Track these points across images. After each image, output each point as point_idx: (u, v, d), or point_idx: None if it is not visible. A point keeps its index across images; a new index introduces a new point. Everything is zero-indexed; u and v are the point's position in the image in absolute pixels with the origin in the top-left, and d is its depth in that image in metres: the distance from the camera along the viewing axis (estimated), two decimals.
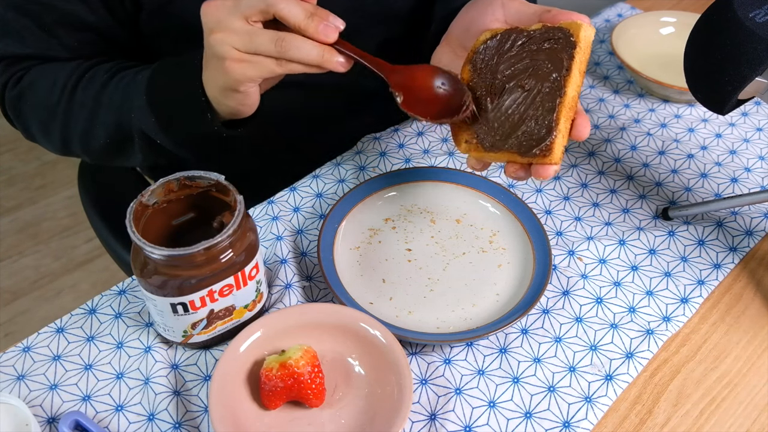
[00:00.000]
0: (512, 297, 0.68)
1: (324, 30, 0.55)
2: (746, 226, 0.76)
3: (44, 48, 0.73)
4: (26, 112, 0.76)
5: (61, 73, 0.72)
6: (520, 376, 0.64)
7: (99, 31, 0.74)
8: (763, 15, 0.57)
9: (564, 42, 0.57)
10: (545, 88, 0.57)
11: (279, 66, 0.56)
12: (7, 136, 2.09)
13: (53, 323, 0.66)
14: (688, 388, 0.64)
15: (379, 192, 0.77)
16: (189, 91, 0.63)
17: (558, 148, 0.55)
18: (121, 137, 0.71)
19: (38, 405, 0.61)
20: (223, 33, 0.56)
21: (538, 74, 0.57)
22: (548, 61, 0.57)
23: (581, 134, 0.57)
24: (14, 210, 1.91)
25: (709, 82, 0.61)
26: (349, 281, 0.69)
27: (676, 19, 0.99)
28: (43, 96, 0.73)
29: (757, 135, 0.87)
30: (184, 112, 0.65)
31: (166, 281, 0.57)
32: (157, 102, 0.66)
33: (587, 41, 0.57)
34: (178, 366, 0.64)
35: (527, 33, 0.59)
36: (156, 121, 0.66)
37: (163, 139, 0.68)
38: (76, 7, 0.71)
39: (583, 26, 0.57)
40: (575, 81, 0.56)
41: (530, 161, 0.57)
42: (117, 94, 0.69)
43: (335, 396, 0.60)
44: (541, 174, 0.57)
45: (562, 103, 0.55)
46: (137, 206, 0.58)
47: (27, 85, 0.74)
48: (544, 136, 0.56)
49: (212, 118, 0.64)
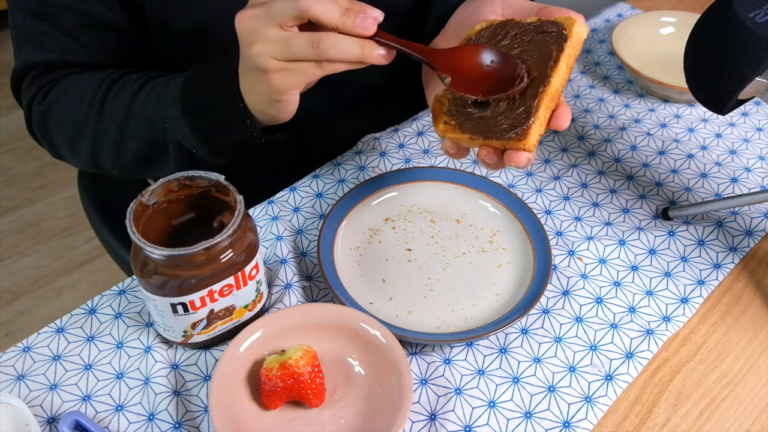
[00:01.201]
0: (512, 297, 0.69)
1: (362, 24, 0.53)
2: (746, 226, 0.76)
3: (65, 52, 0.73)
4: (53, 127, 0.75)
5: (90, 85, 0.72)
6: (520, 376, 0.64)
7: (118, 29, 0.73)
8: (763, 15, 0.57)
9: (556, 35, 0.57)
10: (531, 77, 0.57)
11: (320, 68, 0.55)
12: (8, 136, 2.10)
13: (53, 323, 0.66)
14: (688, 388, 0.64)
15: (379, 192, 0.77)
16: (227, 99, 0.62)
17: (533, 134, 0.55)
18: (154, 149, 0.70)
19: (38, 405, 0.61)
20: (260, 44, 0.55)
21: (525, 62, 0.57)
22: (537, 51, 0.57)
23: (561, 123, 0.56)
24: (14, 210, 1.91)
25: (709, 82, 0.61)
26: (349, 281, 0.69)
27: (676, 19, 0.99)
28: (71, 110, 0.72)
29: (757, 135, 0.87)
30: (222, 121, 0.63)
31: (166, 281, 0.57)
32: (192, 111, 0.64)
33: (579, 37, 0.57)
34: (178, 366, 0.64)
35: (522, 25, 0.59)
36: (191, 131, 0.65)
37: (199, 149, 0.66)
38: (93, 6, 0.71)
39: (577, 22, 0.57)
40: (561, 73, 0.56)
41: (504, 145, 0.56)
42: (149, 104, 0.68)
43: (335, 396, 0.60)
44: (513, 159, 0.55)
45: (545, 92, 0.55)
46: (137, 206, 0.58)
47: (54, 99, 0.73)
48: (522, 120, 0.55)
49: (252, 124, 0.63)
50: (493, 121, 0.57)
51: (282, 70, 0.55)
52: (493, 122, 0.57)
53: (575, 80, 0.95)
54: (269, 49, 0.54)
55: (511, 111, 0.57)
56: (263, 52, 0.55)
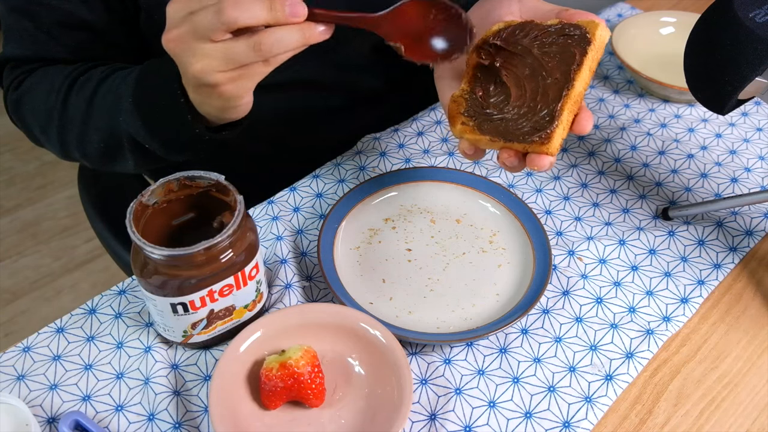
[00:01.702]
0: (512, 297, 0.69)
1: (292, 12, 0.52)
2: (746, 226, 0.76)
3: (43, 50, 0.73)
4: (27, 116, 0.75)
5: (59, 76, 0.71)
6: (520, 376, 0.64)
7: (98, 30, 0.74)
8: (763, 15, 0.57)
9: (579, 38, 0.57)
10: (553, 79, 0.57)
11: (268, 65, 0.54)
12: (7, 136, 2.10)
13: (53, 323, 0.66)
14: (688, 388, 0.64)
15: (379, 192, 0.77)
16: (169, 96, 0.61)
17: (557, 138, 0.55)
18: (114, 142, 0.69)
19: (38, 405, 0.61)
20: (201, 62, 0.53)
21: (548, 65, 0.57)
22: (560, 54, 0.57)
23: (584, 128, 0.56)
24: (14, 210, 1.91)
25: (709, 82, 0.61)
26: (349, 281, 0.69)
27: (676, 19, 0.99)
28: (41, 100, 0.72)
29: (757, 135, 0.87)
30: (166, 115, 0.62)
31: (166, 281, 0.57)
32: (142, 106, 0.63)
33: (602, 41, 0.57)
34: (178, 366, 0.64)
35: (542, 27, 0.59)
36: (143, 126, 0.64)
37: (151, 144, 0.65)
38: (75, 6, 0.71)
39: (600, 26, 0.57)
40: (584, 77, 0.56)
41: (527, 149, 0.56)
42: (109, 96, 0.68)
43: (335, 396, 0.60)
44: (536, 163, 0.55)
45: (568, 96, 0.55)
46: (137, 206, 0.58)
47: (26, 89, 0.74)
48: (546, 124, 0.55)
49: (194, 121, 0.61)
50: (514, 123, 0.57)
51: (232, 80, 0.54)
52: (514, 125, 0.57)
53: None
54: (212, 65, 0.53)
55: (533, 113, 0.56)
56: (207, 69, 0.54)
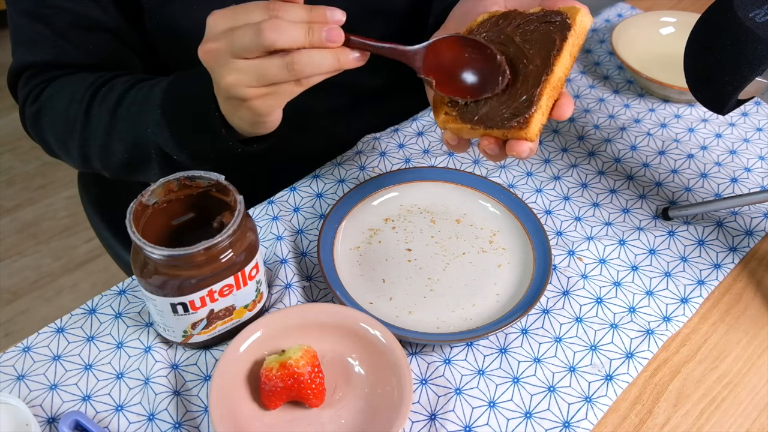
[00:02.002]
0: (512, 297, 0.69)
1: (329, 36, 0.53)
2: (746, 226, 0.76)
3: (59, 53, 0.72)
4: (45, 127, 0.75)
5: (80, 87, 0.71)
6: (520, 376, 0.64)
7: (112, 31, 0.73)
8: (763, 15, 0.57)
9: (560, 24, 0.56)
10: (533, 66, 0.56)
11: (299, 86, 0.55)
12: (7, 136, 2.10)
13: (53, 323, 0.66)
14: (688, 388, 0.64)
15: (380, 192, 0.77)
16: (202, 109, 0.61)
17: (535, 123, 0.55)
18: (139, 153, 0.69)
19: (38, 405, 0.61)
20: (233, 76, 0.54)
21: (528, 51, 0.57)
22: (540, 41, 0.57)
23: (563, 113, 0.56)
24: (14, 210, 1.91)
25: (709, 82, 0.61)
26: (349, 281, 0.69)
27: (676, 19, 0.99)
28: (61, 111, 0.72)
29: (757, 135, 0.87)
30: (198, 128, 0.63)
31: (166, 281, 0.57)
32: (172, 117, 0.64)
33: (583, 26, 0.57)
34: (178, 366, 0.64)
35: (525, 15, 0.59)
36: (171, 137, 0.64)
37: (179, 155, 0.66)
38: (88, 7, 0.70)
39: (581, 11, 0.57)
40: (564, 62, 0.56)
41: (506, 135, 0.56)
42: (134, 107, 0.68)
43: (335, 396, 0.60)
44: (515, 149, 0.55)
45: (548, 81, 0.55)
46: (137, 206, 0.58)
47: (46, 99, 0.73)
48: (524, 109, 0.55)
49: (227, 133, 0.62)
50: (494, 110, 0.57)
51: (262, 96, 0.55)
52: (495, 111, 0.57)
53: (575, 80, 0.95)
54: (243, 80, 0.54)
55: (512, 100, 0.56)
56: (238, 83, 0.54)
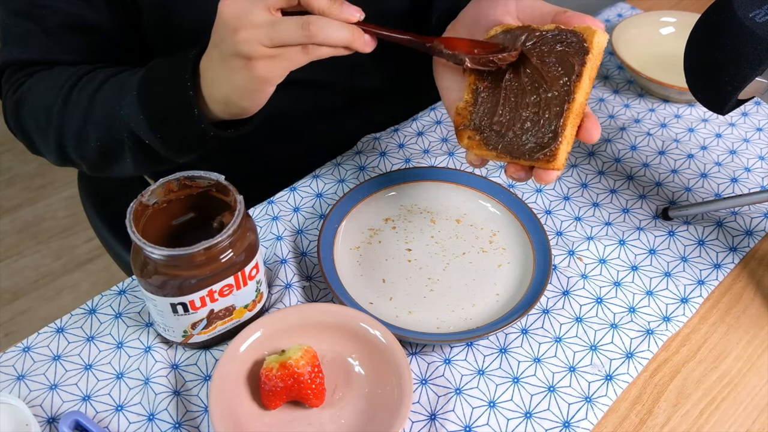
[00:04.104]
0: (512, 297, 0.68)
1: (348, 10, 0.54)
2: (746, 226, 0.76)
3: (48, 52, 0.72)
4: (25, 117, 0.74)
5: (62, 75, 0.71)
6: (520, 376, 0.64)
7: (104, 33, 0.73)
8: (763, 15, 0.57)
9: (577, 46, 0.56)
10: (554, 92, 0.56)
11: (305, 54, 0.54)
12: (8, 136, 2.09)
13: (53, 323, 0.66)
14: (688, 388, 0.64)
15: (379, 192, 0.77)
16: (177, 86, 0.61)
17: (562, 154, 0.55)
18: (113, 139, 0.68)
19: (38, 405, 0.61)
20: (247, 30, 0.54)
21: (547, 75, 0.57)
22: (559, 65, 0.57)
23: (591, 137, 0.57)
24: (14, 210, 1.91)
25: (709, 82, 0.61)
26: (349, 281, 0.69)
27: (676, 19, 0.99)
28: (42, 98, 0.71)
29: (757, 135, 0.87)
30: (172, 109, 0.62)
31: (166, 281, 0.57)
32: (146, 98, 0.63)
33: (600, 48, 0.57)
34: (178, 366, 0.64)
35: (540, 33, 0.58)
36: (144, 119, 0.63)
37: (152, 139, 0.64)
38: (80, 9, 0.70)
39: (598, 32, 0.56)
40: (584, 88, 0.56)
41: (532, 164, 0.57)
42: (111, 92, 0.67)
43: (335, 396, 0.60)
44: (543, 178, 0.56)
45: (570, 109, 0.55)
46: (137, 206, 0.58)
47: (27, 89, 0.73)
48: (549, 141, 0.55)
49: (200, 114, 0.61)
50: (518, 139, 0.57)
51: (267, 57, 0.55)
52: (518, 140, 0.57)
53: None
54: (256, 35, 0.54)
55: (536, 128, 0.57)
56: (250, 38, 0.54)
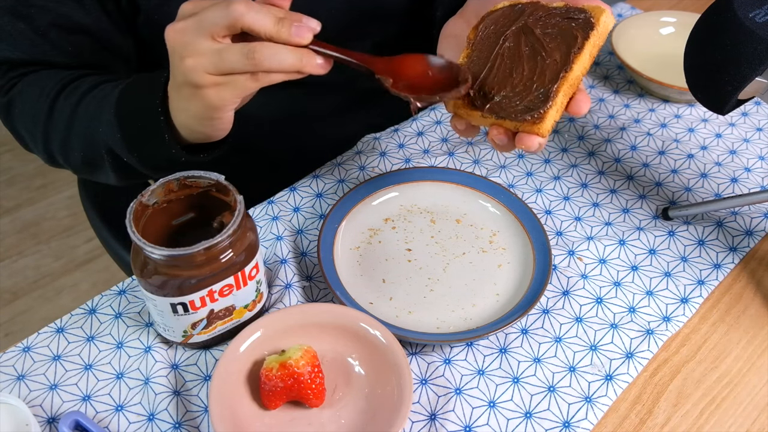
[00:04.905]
0: (512, 297, 0.69)
1: (297, 32, 0.52)
2: (746, 226, 0.76)
3: (38, 52, 0.72)
4: (16, 120, 0.74)
5: (50, 81, 0.71)
6: (520, 376, 0.64)
7: (94, 34, 0.73)
8: (763, 15, 0.57)
9: (583, 22, 0.56)
10: (552, 60, 0.56)
11: (255, 81, 0.53)
12: (8, 136, 2.09)
13: (53, 323, 0.66)
14: (688, 388, 0.64)
15: (379, 192, 0.77)
16: (149, 111, 0.60)
17: (549, 119, 0.55)
18: (93, 152, 0.68)
19: (38, 405, 0.61)
20: (193, 58, 0.52)
21: (548, 45, 0.57)
22: (561, 36, 0.56)
23: (580, 109, 0.55)
24: (14, 210, 1.91)
25: (709, 82, 0.61)
26: (349, 281, 0.69)
27: (676, 19, 0.99)
28: (30, 105, 0.72)
29: (757, 135, 0.87)
30: (145, 131, 0.61)
31: (166, 281, 0.57)
32: (123, 119, 0.62)
33: (605, 27, 0.56)
34: (178, 366, 0.64)
35: (547, 8, 0.58)
36: (121, 138, 0.63)
37: (129, 158, 0.64)
38: (71, 9, 0.70)
39: (605, 12, 0.56)
40: (583, 62, 0.56)
41: (518, 127, 0.56)
42: (92, 105, 0.67)
43: (335, 396, 0.60)
44: (524, 142, 0.55)
45: (565, 78, 0.55)
46: (137, 206, 0.58)
47: (17, 93, 0.73)
48: (540, 103, 0.55)
49: (170, 140, 0.61)
50: (508, 101, 0.56)
51: (216, 85, 0.54)
52: (508, 102, 0.56)
53: None
54: (202, 63, 0.53)
55: (528, 92, 0.56)
56: (196, 67, 0.53)
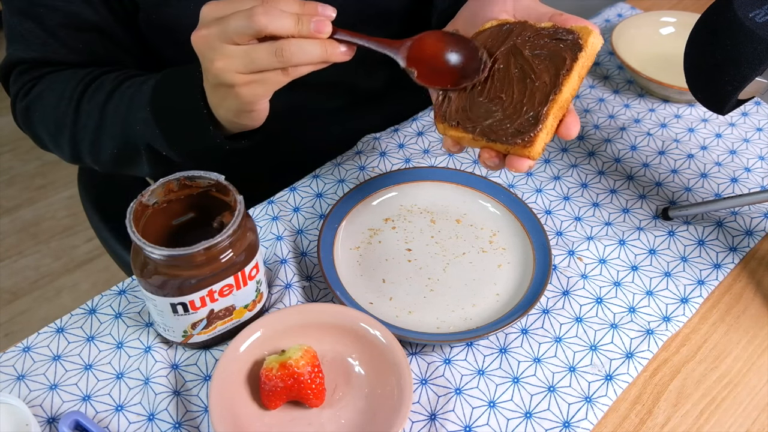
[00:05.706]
0: (512, 297, 0.69)
1: (317, 27, 0.54)
2: (746, 226, 0.76)
3: (48, 51, 0.73)
4: (37, 124, 0.75)
5: (69, 84, 0.72)
6: (520, 376, 0.64)
7: (102, 31, 0.74)
8: (763, 15, 0.57)
9: (571, 44, 0.56)
10: (542, 82, 0.56)
11: (286, 75, 0.56)
12: (8, 136, 2.10)
13: (53, 323, 0.66)
14: (688, 388, 0.64)
15: (379, 192, 0.77)
16: (191, 106, 0.63)
17: (540, 142, 0.55)
18: (129, 149, 0.70)
19: (38, 405, 0.61)
20: (222, 61, 0.55)
21: (537, 67, 0.57)
22: (550, 58, 0.57)
23: (570, 132, 0.56)
24: (14, 210, 1.91)
25: (709, 82, 0.61)
26: (349, 281, 0.69)
27: (676, 19, 0.99)
28: (51, 108, 0.73)
29: (757, 135, 0.87)
30: (187, 126, 0.64)
31: (166, 281, 0.57)
32: (161, 115, 0.65)
33: (594, 48, 0.57)
34: (178, 366, 0.64)
35: (536, 29, 0.59)
36: (161, 134, 0.66)
37: (169, 152, 0.67)
38: (79, 7, 0.71)
39: (593, 33, 0.56)
40: (572, 83, 0.56)
41: (508, 150, 0.56)
42: (123, 104, 0.69)
43: (335, 396, 0.60)
44: (515, 165, 0.56)
45: (555, 100, 0.55)
46: (137, 206, 0.58)
47: (35, 96, 0.74)
48: (530, 126, 0.55)
49: (215, 131, 0.64)
50: (498, 123, 0.57)
51: (249, 83, 0.56)
52: (498, 125, 0.57)
53: None
54: (232, 65, 0.55)
55: (518, 115, 0.56)
56: (227, 68, 0.55)
